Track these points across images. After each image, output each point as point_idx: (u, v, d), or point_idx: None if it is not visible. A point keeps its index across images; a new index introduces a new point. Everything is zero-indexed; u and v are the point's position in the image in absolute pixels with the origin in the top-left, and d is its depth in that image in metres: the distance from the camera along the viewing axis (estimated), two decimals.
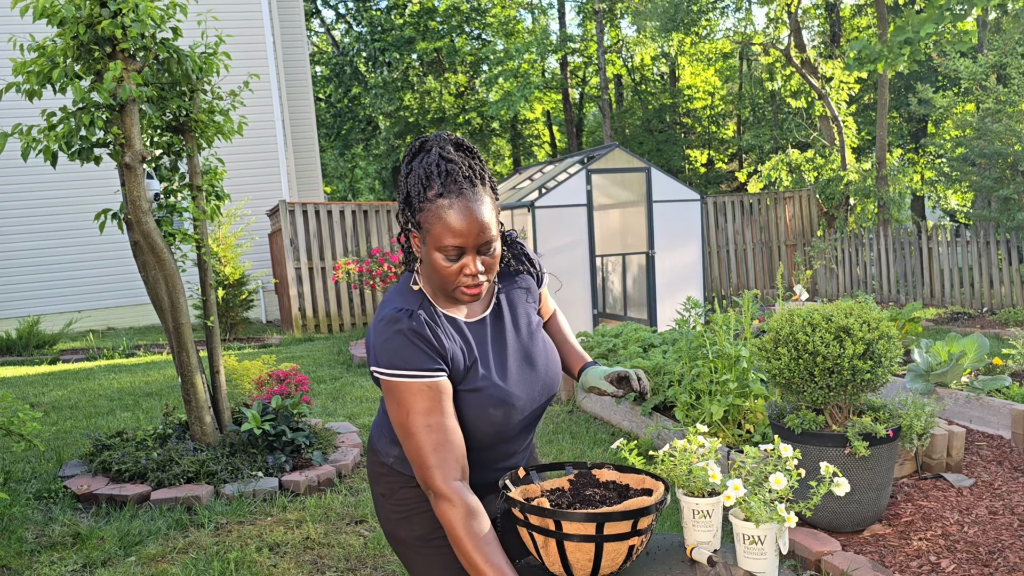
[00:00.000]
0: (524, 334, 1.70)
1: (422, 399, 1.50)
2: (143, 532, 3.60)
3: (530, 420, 1.70)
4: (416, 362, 1.50)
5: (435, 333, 1.53)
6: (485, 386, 1.58)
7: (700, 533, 1.69)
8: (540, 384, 1.69)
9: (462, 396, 1.57)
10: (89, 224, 10.31)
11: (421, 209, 1.49)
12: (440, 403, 1.51)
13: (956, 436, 3.83)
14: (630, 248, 8.53)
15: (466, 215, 1.46)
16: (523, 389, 1.64)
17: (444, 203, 1.46)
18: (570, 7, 36.95)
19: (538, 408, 1.70)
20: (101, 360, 8.75)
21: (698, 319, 4.51)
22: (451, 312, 1.62)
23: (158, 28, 4.06)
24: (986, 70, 10.22)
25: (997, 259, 9.40)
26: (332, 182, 27.63)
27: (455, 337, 1.58)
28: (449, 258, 1.49)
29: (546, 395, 1.71)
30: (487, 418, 1.58)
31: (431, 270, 1.53)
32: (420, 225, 1.50)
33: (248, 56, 11.40)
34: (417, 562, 1.71)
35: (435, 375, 1.51)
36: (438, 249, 1.49)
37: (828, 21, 19.81)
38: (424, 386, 1.50)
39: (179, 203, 4.44)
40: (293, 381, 4.89)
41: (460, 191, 1.47)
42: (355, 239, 10.73)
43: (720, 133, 23.77)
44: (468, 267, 1.51)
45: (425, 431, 1.49)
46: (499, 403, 1.59)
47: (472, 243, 1.49)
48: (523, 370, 1.66)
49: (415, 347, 1.51)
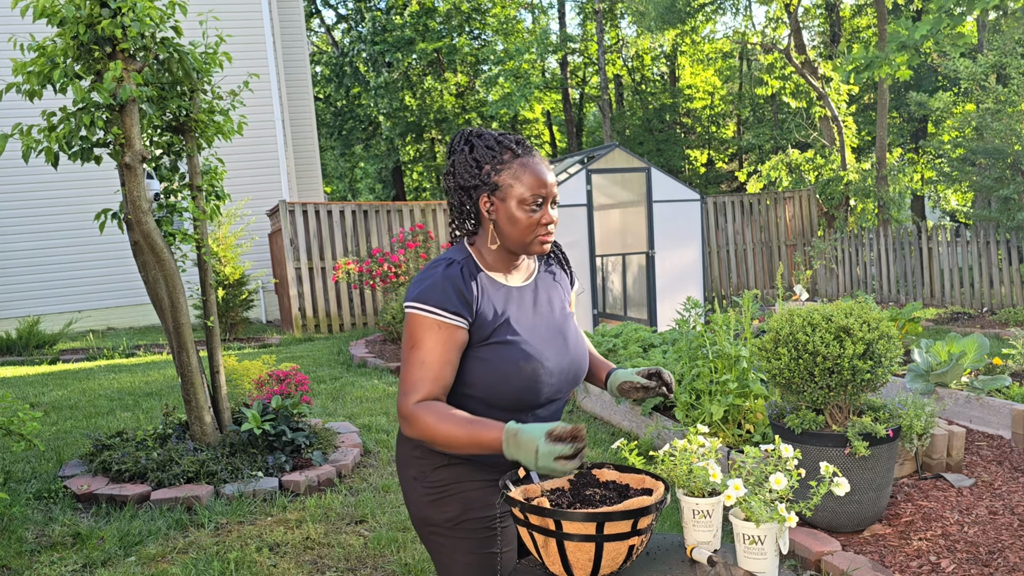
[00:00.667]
0: (558, 312, 1.82)
1: (430, 337, 1.63)
2: (143, 532, 3.60)
3: (556, 392, 1.75)
4: (439, 302, 1.64)
5: (467, 284, 1.67)
6: (516, 341, 1.69)
7: (700, 533, 1.69)
8: (569, 359, 1.78)
9: (494, 349, 1.68)
10: (89, 224, 10.31)
11: (499, 170, 1.69)
12: (443, 347, 1.64)
13: (956, 436, 3.83)
14: (630, 248, 8.53)
15: (542, 169, 1.70)
16: (553, 354, 1.73)
17: (523, 160, 1.69)
18: (570, 7, 36.99)
19: (565, 381, 1.77)
20: (101, 360, 8.75)
21: (698, 319, 4.51)
22: (498, 274, 1.76)
23: (158, 28, 4.06)
24: (985, 70, 10.22)
25: (997, 259, 9.40)
26: (332, 182, 27.62)
27: (491, 295, 1.71)
28: (531, 209, 1.68)
29: (574, 373, 1.79)
30: (517, 372, 1.67)
31: (509, 225, 1.69)
32: (499, 186, 1.68)
33: (248, 56, 11.40)
34: (445, 547, 1.74)
35: (452, 319, 1.64)
36: (520, 202, 1.68)
37: (828, 21, 19.81)
38: (436, 324, 1.64)
39: (179, 203, 4.44)
40: (293, 381, 4.89)
41: (531, 154, 1.71)
42: (355, 239, 10.73)
43: (720, 133, 23.77)
44: (546, 216, 1.70)
45: (418, 366, 1.63)
46: (528, 358, 1.68)
47: (549, 193, 1.70)
48: (556, 339, 1.76)
49: (443, 290, 1.65)
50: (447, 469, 1.74)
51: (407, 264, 9.36)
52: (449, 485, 1.73)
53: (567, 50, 20.87)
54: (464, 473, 1.73)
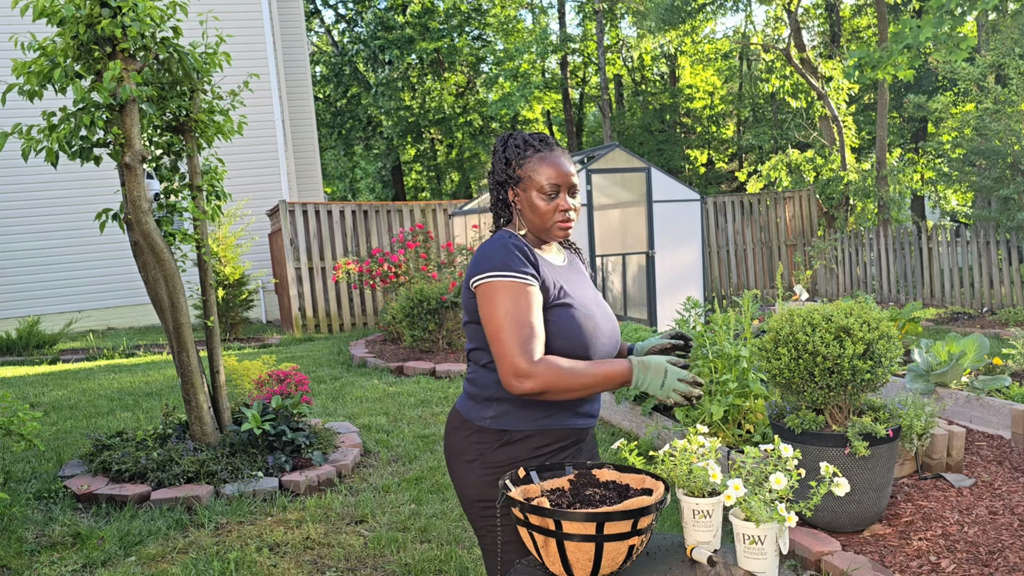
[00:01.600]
0: (593, 290, 2.01)
1: (522, 299, 1.76)
2: (143, 532, 3.60)
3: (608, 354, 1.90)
4: (514, 266, 1.79)
5: (531, 251, 1.85)
6: (574, 303, 1.84)
7: (700, 533, 1.69)
8: (611, 325, 1.94)
9: (557, 311, 1.82)
10: (89, 224, 10.32)
11: (522, 165, 1.89)
12: (530, 304, 1.77)
13: (956, 436, 3.83)
14: (630, 248, 8.53)
15: (559, 162, 1.89)
16: (602, 316, 1.91)
17: (543, 154, 1.89)
18: (570, 7, 36.94)
19: (612, 345, 1.92)
20: (101, 360, 8.75)
21: (698, 319, 4.51)
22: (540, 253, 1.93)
23: (158, 27, 4.06)
24: (984, 70, 10.22)
25: (997, 259, 9.40)
26: (332, 182, 27.61)
27: (546, 266, 1.87)
28: (548, 197, 1.87)
29: (616, 338, 1.95)
30: (579, 329, 1.82)
31: (531, 212, 1.89)
32: (521, 178, 1.89)
33: (248, 56, 11.41)
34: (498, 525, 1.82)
35: (529, 279, 1.79)
36: (538, 191, 1.87)
37: (828, 21, 19.80)
38: (518, 286, 1.77)
39: (179, 203, 4.43)
40: (293, 381, 4.89)
41: (551, 148, 1.91)
42: (355, 239, 10.73)
43: (720, 133, 23.76)
44: (562, 203, 1.88)
45: (520, 326, 1.73)
46: (588, 318, 1.85)
47: (565, 182, 1.88)
48: (600, 306, 1.94)
49: (515, 256, 1.80)
50: (506, 448, 1.85)
51: (407, 264, 9.35)
52: (509, 464, 1.84)
53: (567, 50, 20.86)
54: (522, 451, 1.84)
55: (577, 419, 1.90)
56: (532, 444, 1.84)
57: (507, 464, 1.84)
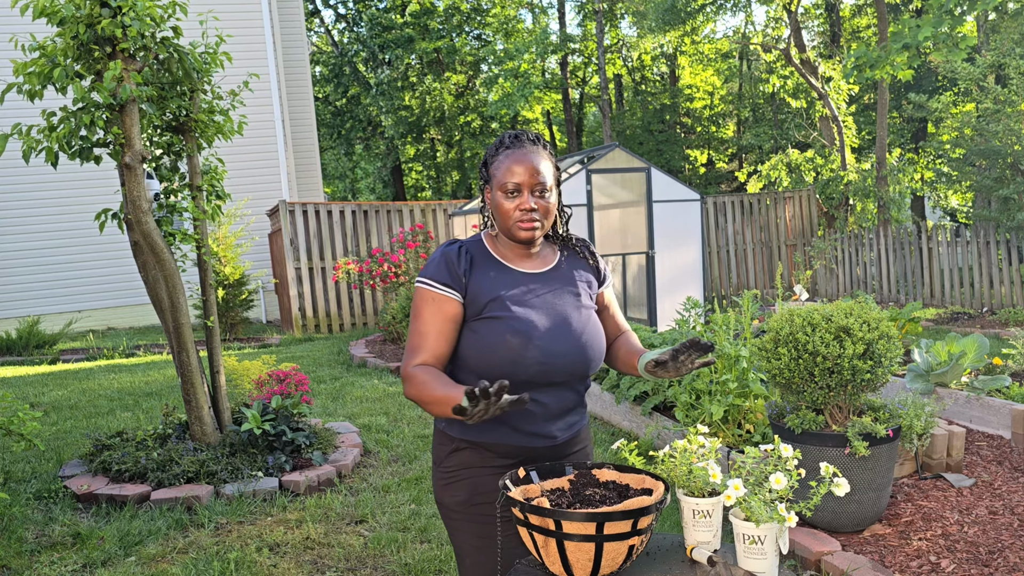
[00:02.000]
0: (569, 301, 1.87)
1: (426, 307, 1.79)
2: (143, 532, 3.60)
3: (549, 373, 1.78)
4: (433, 275, 1.80)
5: (459, 261, 1.81)
6: (507, 316, 1.77)
7: (700, 533, 1.69)
8: (569, 344, 1.80)
9: (485, 323, 1.78)
10: (89, 224, 10.31)
11: (492, 163, 1.84)
12: (436, 317, 1.78)
13: (956, 436, 3.83)
14: (630, 248, 8.53)
15: (523, 159, 1.79)
16: (546, 334, 1.78)
17: (508, 153, 1.82)
18: (570, 7, 36.96)
19: (564, 366, 1.79)
20: (101, 360, 8.75)
21: (698, 319, 4.51)
22: (507, 260, 1.87)
23: (158, 27, 4.06)
24: (984, 70, 10.22)
25: (997, 259, 9.40)
26: (332, 182, 27.61)
27: (488, 274, 1.82)
28: (509, 195, 1.79)
29: (574, 357, 1.81)
30: (504, 344, 1.75)
31: (496, 213, 1.83)
32: (491, 177, 1.83)
33: (248, 56, 11.40)
34: (457, 528, 1.87)
35: (443, 291, 1.78)
36: (500, 188, 1.80)
37: (828, 21, 19.80)
38: (430, 296, 1.79)
39: (179, 203, 4.43)
40: (293, 381, 4.89)
41: (521, 145, 1.82)
42: (355, 239, 10.72)
43: (720, 133, 23.76)
44: (524, 203, 1.79)
45: (416, 334, 1.79)
46: (517, 333, 1.75)
47: (527, 181, 1.78)
48: (555, 321, 1.81)
49: (438, 265, 1.81)
50: (457, 455, 1.84)
51: (407, 264, 9.36)
52: (459, 471, 1.84)
53: (567, 50, 20.84)
54: (473, 459, 1.83)
55: (519, 437, 1.81)
56: (480, 454, 1.83)
57: (459, 469, 1.83)
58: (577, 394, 1.88)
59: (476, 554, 1.83)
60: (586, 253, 1.99)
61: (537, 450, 1.83)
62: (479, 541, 1.82)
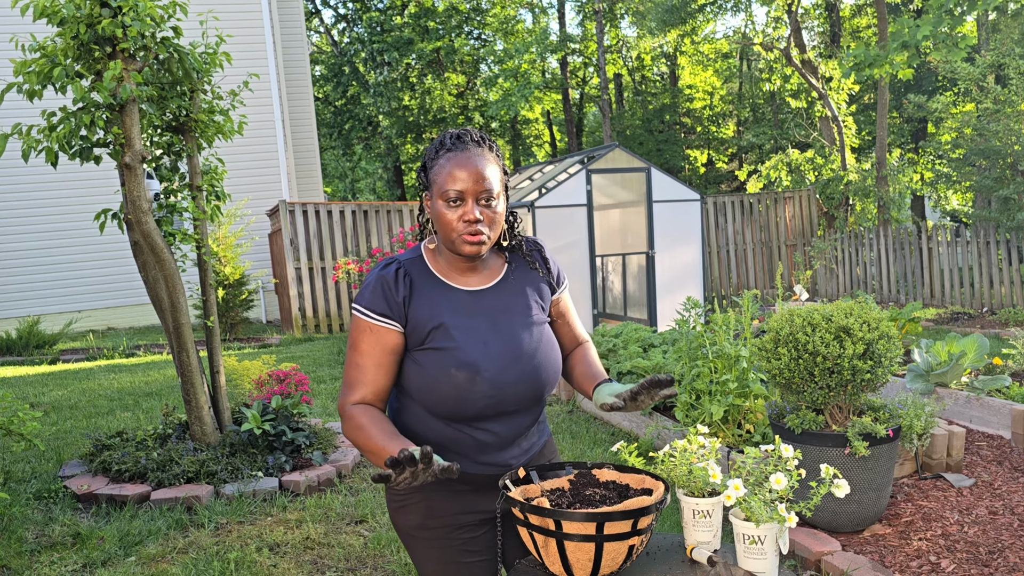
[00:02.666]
0: (519, 320, 1.72)
1: (363, 338, 1.65)
2: (143, 532, 3.60)
3: (499, 405, 1.66)
4: (370, 304, 1.65)
5: (396, 287, 1.65)
6: (451, 347, 1.63)
7: (700, 533, 1.69)
8: (520, 369, 1.67)
9: (428, 355, 1.64)
10: (89, 224, 10.30)
11: (431, 167, 1.65)
12: (375, 349, 1.64)
13: (956, 436, 3.83)
14: (630, 248, 8.53)
15: (466, 164, 1.61)
16: (495, 363, 1.64)
17: (450, 155, 1.62)
18: (570, 7, 36.97)
19: (516, 395, 1.67)
20: (101, 360, 8.75)
21: (698, 319, 4.51)
22: (449, 278, 1.71)
23: (158, 27, 4.06)
24: (984, 70, 10.22)
25: (997, 259, 9.40)
26: (332, 182, 27.61)
27: (429, 298, 1.67)
28: (451, 204, 1.61)
29: (527, 384, 1.68)
30: (449, 379, 1.62)
31: (438, 224, 1.64)
32: (431, 182, 1.65)
33: (248, 56, 11.40)
34: (415, 551, 1.77)
35: (382, 322, 1.64)
36: (441, 196, 1.61)
37: (828, 21, 19.81)
38: (367, 327, 1.65)
39: (179, 203, 4.44)
40: (293, 381, 4.89)
41: (464, 147, 1.63)
42: (355, 239, 10.73)
43: (720, 133, 23.77)
44: (468, 214, 1.61)
45: (354, 367, 1.66)
46: (462, 366, 1.62)
47: (471, 189, 1.60)
48: (504, 348, 1.67)
49: (374, 292, 1.65)
50: None
51: None
52: (410, 494, 1.73)
53: (567, 50, 20.85)
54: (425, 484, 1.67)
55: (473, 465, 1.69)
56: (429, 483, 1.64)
57: (409, 493, 1.72)
58: (532, 417, 1.75)
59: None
60: (537, 259, 1.81)
61: (493, 477, 1.71)
62: (440, 566, 1.72)
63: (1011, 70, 9.64)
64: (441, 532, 1.72)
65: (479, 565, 1.74)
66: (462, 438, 1.67)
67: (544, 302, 1.79)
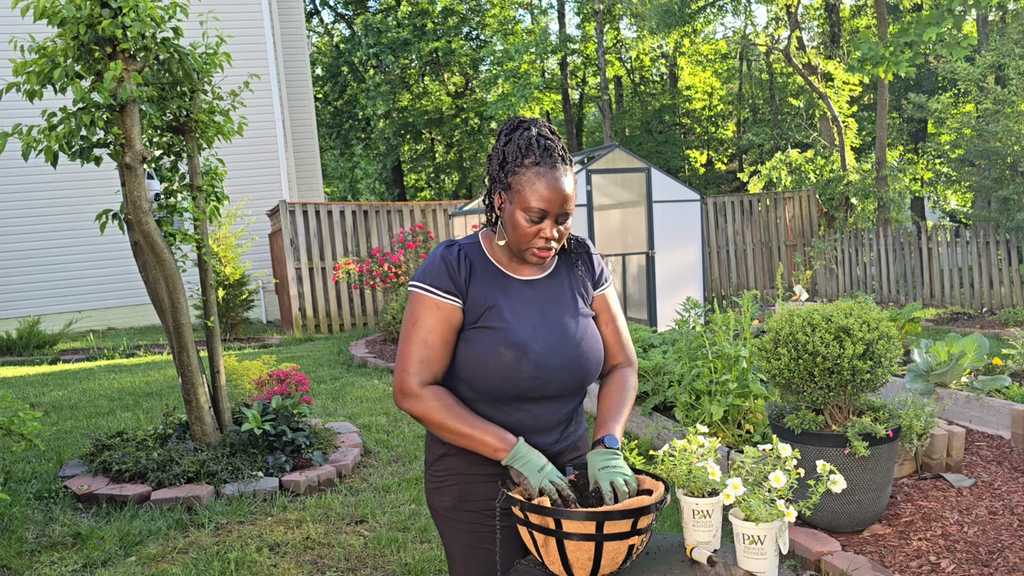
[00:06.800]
0: (566, 310, 1.79)
1: (429, 315, 1.69)
2: (143, 532, 3.60)
3: (543, 388, 1.72)
4: (435, 281, 1.70)
5: (459, 266, 1.72)
6: (501, 327, 1.70)
7: (700, 533, 1.69)
8: (565, 355, 1.74)
9: (480, 333, 1.70)
10: (89, 224, 10.30)
11: (515, 172, 1.68)
12: (442, 325, 1.69)
13: (956, 436, 3.83)
14: (630, 248, 8.53)
15: (555, 185, 1.66)
16: (542, 347, 1.71)
17: (539, 170, 1.66)
18: (569, 8, 36.91)
19: (560, 380, 1.73)
20: (101, 360, 8.75)
21: (698, 319, 4.51)
22: (505, 267, 1.78)
23: (159, 28, 4.07)
24: (984, 71, 10.22)
25: (997, 259, 9.40)
26: (332, 182, 27.61)
27: (486, 281, 1.74)
28: (532, 220, 1.67)
29: (569, 370, 1.74)
30: (498, 357, 1.68)
31: (511, 228, 1.70)
32: (510, 187, 1.69)
33: (248, 56, 11.40)
34: (446, 532, 1.82)
35: (447, 298, 1.70)
36: (523, 210, 1.67)
37: (828, 21, 19.81)
38: (434, 304, 1.70)
39: (179, 203, 4.44)
40: (293, 381, 4.89)
41: (553, 164, 1.66)
42: (355, 239, 10.73)
43: (719, 133, 23.77)
44: (545, 231, 1.68)
45: (420, 344, 1.69)
46: (511, 345, 1.68)
47: (555, 210, 1.67)
48: (551, 334, 1.74)
49: (439, 270, 1.71)
50: (446, 460, 1.79)
51: (407, 264, 9.36)
52: (447, 476, 1.79)
53: (566, 51, 20.85)
54: (461, 466, 1.77)
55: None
56: (468, 460, 1.75)
57: (448, 475, 1.78)
58: (572, 405, 1.81)
59: (465, 561, 1.79)
60: (584, 255, 1.88)
61: None
62: (468, 549, 1.77)
63: (1011, 70, 9.64)
64: (473, 516, 1.77)
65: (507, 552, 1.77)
66: (503, 418, 1.73)
67: (588, 296, 1.87)
